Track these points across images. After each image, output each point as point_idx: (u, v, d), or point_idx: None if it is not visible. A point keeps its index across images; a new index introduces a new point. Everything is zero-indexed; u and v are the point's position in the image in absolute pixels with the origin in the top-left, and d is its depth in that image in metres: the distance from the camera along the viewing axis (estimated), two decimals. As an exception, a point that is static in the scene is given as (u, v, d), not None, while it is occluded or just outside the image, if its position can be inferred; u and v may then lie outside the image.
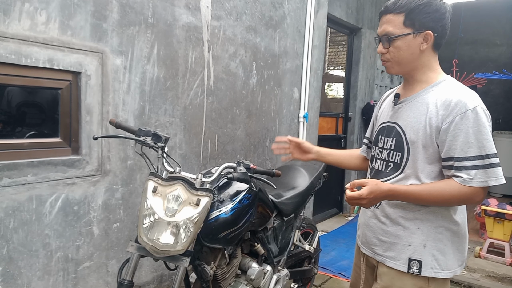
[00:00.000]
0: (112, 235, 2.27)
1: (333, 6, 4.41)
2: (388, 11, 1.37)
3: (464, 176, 1.27)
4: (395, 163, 1.42)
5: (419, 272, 1.37)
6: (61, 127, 2.05)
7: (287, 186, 2.42)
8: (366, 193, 1.29)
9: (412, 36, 1.35)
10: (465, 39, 7.11)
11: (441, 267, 1.37)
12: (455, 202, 1.34)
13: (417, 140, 1.36)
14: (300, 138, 3.81)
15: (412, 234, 1.39)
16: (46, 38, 1.89)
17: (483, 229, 4.21)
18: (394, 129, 1.44)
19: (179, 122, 2.58)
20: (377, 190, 1.31)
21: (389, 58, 1.40)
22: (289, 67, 3.58)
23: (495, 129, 6.87)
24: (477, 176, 1.26)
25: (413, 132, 1.37)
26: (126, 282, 1.59)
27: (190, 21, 2.58)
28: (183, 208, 1.54)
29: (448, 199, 1.31)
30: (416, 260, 1.38)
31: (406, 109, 1.42)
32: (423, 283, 1.38)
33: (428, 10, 1.34)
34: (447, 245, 1.38)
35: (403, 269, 1.39)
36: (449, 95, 1.31)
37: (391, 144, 1.45)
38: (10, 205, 1.83)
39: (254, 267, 2.03)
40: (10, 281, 1.87)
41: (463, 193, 1.28)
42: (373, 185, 1.31)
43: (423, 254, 1.37)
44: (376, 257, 1.49)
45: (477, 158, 1.27)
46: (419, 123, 1.36)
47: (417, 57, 1.38)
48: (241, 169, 1.68)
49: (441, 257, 1.37)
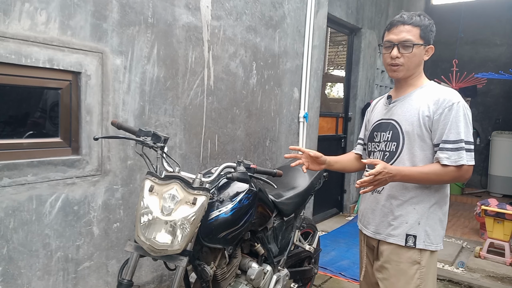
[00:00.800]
0: (112, 235, 2.27)
1: (333, 6, 4.41)
2: (406, 22, 1.62)
3: (442, 156, 1.55)
4: (391, 151, 1.68)
5: (414, 245, 1.62)
6: (61, 127, 2.05)
7: (287, 186, 2.42)
8: (381, 167, 1.49)
9: (423, 47, 1.64)
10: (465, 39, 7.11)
11: (431, 241, 1.63)
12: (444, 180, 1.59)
13: (412, 130, 1.62)
14: (300, 138, 3.82)
15: (408, 213, 1.64)
16: (46, 38, 1.89)
17: (483, 229, 4.21)
18: (390, 124, 1.70)
19: (179, 122, 2.59)
20: (388, 167, 1.52)
21: (403, 62, 1.63)
22: (289, 67, 3.58)
23: (495, 129, 6.87)
24: (453, 157, 1.53)
25: (408, 124, 1.63)
26: (125, 282, 1.59)
27: (190, 21, 2.58)
28: (180, 207, 1.54)
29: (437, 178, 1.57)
30: (411, 235, 1.62)
31: (400, 106, 1.69)
32: (417, 255, 1.62)
33: (433, 29, 1.66)
34: (436, 223, 1.65)
35: (401, 243, 1.63)
36: (438, 94, 1.61)
37: (388, 136, 1.70)
38: (10, 205, 1.83)
39: (254, 267, 2.03)
40: (10, 281, 1.87)
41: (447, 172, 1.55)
42: (384, 163, 1.52)
43: (417, 230, 1.62)
44: (377, 236, 1.71)
45: (454, 142, 1.54)
46: (413, 116, 1.62)
47: (419, 65, 1.68)
48: (241, 168, 1.68)
49: (432, 233, 1.63)
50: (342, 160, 1.97)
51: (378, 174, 1.48)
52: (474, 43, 7.19)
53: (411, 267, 1.62)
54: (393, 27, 1.64)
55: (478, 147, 7.23)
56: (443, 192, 1.67)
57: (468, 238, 4.52)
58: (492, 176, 6.71)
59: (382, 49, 1.70)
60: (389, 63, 1.66)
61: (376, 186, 1.53)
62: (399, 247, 1.64)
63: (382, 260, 1.69)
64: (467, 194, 6.83)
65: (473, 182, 7.20)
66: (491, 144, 6.67)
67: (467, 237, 4.58)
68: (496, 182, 6.65)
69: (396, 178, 1.56)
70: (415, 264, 1.61)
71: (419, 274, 1.61)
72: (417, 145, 1.62)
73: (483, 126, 7.17)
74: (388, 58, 1.65)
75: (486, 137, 7.03)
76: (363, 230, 1.81)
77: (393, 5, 5.95)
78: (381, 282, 1.69)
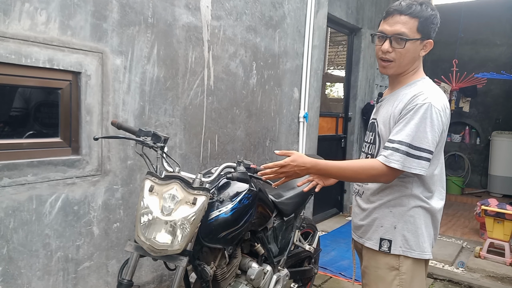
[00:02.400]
0: (112, 235, 2.27)
1: (333, 6, 4.41)
2: (404, 12, 1.40)
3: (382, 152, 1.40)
4: (372, 155, 1.56)
5: (389, 250, 1.49)
6: (61, 127, 2.05)
7: (287, 186, 2.41)
8: (289, 160, 1.42)
9: (419, 42, 1.43)
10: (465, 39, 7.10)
11: (410, 247, 1.48)
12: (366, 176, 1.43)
13: (385, 132, 1.48)
14: (300, 138, 3.82)
15: (384, 216, 1.51)
16: (46, 38, 1.89)
17: (483, 229, 4.21)
18: (373, 125, 1.58)
19: (179, 122, 2.58)
20: (299, 160, 1.42)
21: (394, 57, 1.45)
22: (289, 67, 3.58)
23: (495, 129, 6.87)
24: (389, 156, 1.37)
25: (383, 125, 1.50)
26: (125, 282, 1.59)
27: (190, 21, 2.58)
28: (180, 207, 1.54)
29: (360, 171, 1.42)
30: (386, 239, 1.50)
31: (384, 106, 1.55)
32: (394, 261, 1.49)
33: (435, 21, 1.44)
34: (419, 228, 1.48)
35: (375, 248, 1.52)
36: (412, 92, 1.43)
37: (371, 138, 1.59)
38: (10, 205, 1.83)
39: (254, 267, 2.03)
40: (10, 281, 1.87)
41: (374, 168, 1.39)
42: (297, 155, 1.44)
43: (393, 235, 1.49)
44: (359, 240, 1.63)
45: (399, 143, 1.36)
46: (387, 117, 1.48)
47: (413, 61, 1.48)
48: (241, 168, 1.68)
49: (412, 239, 1.48)
50: None
51: (284, 166, 1.42)
52: (474, 43, 7.19)
53: (389, 273, 1.49)
54: (388, 16, 1.44)
55: (478, 147, 7.23)
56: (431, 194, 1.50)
57: (468, 238, 4.52)
58: (492, 176, 6.71)
59: (375, 39, 1.50)
60: (379, 56, 1.49)
61: (287, 178, 1.47)
62: (375, 251, 1.53)
63: (363, 265, 1.62)
64: (467, 194, 6.83)
65: (473, 182, 7.20)
66: (491, 144, 6.67)
67: (467, 237, 4.58)
68: (496, 182, 6.65)
69: (311, 171, 1.46)
70: (393, 270, 1.48)
71: (399, 281, 1.47)
72: None
73: (483, 126, 7.16)
74: (379, 52, 1.48)
75: (486, 137, 7.03)
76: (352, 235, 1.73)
77: (393, 5, 5.93)
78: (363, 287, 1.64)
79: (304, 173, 1.46)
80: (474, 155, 7.26)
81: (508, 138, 6.48)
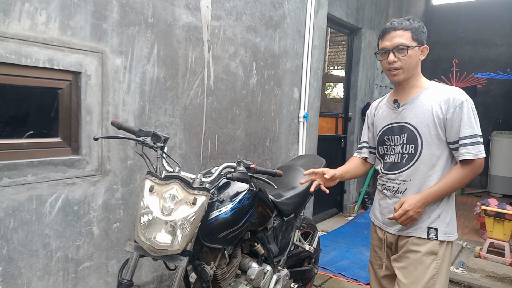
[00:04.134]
0: (112, 235, 2.27)
1: (333, 6, 4.41)
2: (397, 28, 1.68)
3: (464, 151, 1.62)
4: (410, 153, 1.74)
5: (436, 238, 1.70)
6: (61, 127, 2.05)
7: (287, 186, 2.42)
8: (407, 206, 1.64)
9: (417, 48, 1.69)
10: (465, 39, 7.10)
11: (450, 231, 1.73)
12: (467, 178, 1.67)
13: (428, 131, 1.69)
14: (300, 138, 3.82)
15: (432, 210, 1.71)
16: (46, 38, 1.89)
17: (483, 229, 4.21)
18: (404, 127, 1.75)
19: (179, 122, 2.59)
20: (412, 201, 1.65)
21: (401, 65, 1.69)
22: (289, 67, 3.58)
23: (495, 129, 6.87)
24: (473, 151, 1.61)
25: (424, 125, 1.69)
26: (125, 282, 1.59)
27: (190, 21, 2.58)
28: (180, 207, 1.54)
29: (461, 178, 1.66)
30: (433, 228, 1.71)
31: (410, 109, 1.74)
32: (435, 247, 1.71)
33: (424, 30, 1.72)
34: (453, 214, 1.77)
35: (423, 236, 1.71)
36: (446, 93, 1.68)
37: (403, 139, 1.75)
38: (10, 205, 1.83)
39: (254, 267, 2.03)
40: (10, 281, 1.87)
41: (468, 168, 1.64)
42: (409, 199, 1.66)
43: (438, 223, 1.71)
44: (399, 233, 1.78)
45: (472, 137, 1.62)
46: (428, 118, 1.68)
47: (417, 66, 1.73)
48: (241, 168, 1.68)
49: (450, 224, 1.74)
50: (350, 169, 2.03)
51: (405, 213, 1.64)
52: (474, 43, 7.19)
53: (429, 257, 1.70)
54: (385, 34, 1.70)
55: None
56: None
57: (468, 238, 4.52)
58: (492, 176, 6.71)
59: (379, 57, 1.76)
60: (387, 68, 1.72)
61: (411, 221, 1.66)
62: (419, 239, 1.72)
63: (402, 251, 1.76)
64: (467, 194, 6.83)
65: (473, 182, 7.20)
66: (491, 144, 6.67)
67: (467, 237, 4.58)
68: (496, 182, 6.65)
69: (428, 202, 1.67)
70: (432, 255, 1.70)
71: (435, 264, 1.69)
72: (435, 145, 1.69)
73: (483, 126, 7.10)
74: (386, 64, 1.72)
75: (486, 137, 7.02)
76: (383, 228, 1.86)
77: (393, 5, 5.95)
78: (398, 271, 1.75)
79: (423, 208, 1.67)
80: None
81: (508, 138, 6.48)
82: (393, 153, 1.80)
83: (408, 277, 1.71)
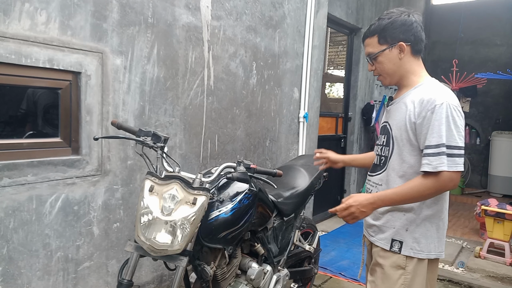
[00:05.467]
0: (112, 235, 2.27)
1: (333, 6, 4.41)
2: (366, 36, 1.65)
3: (425, 162, 1.45)
4: (385, 156, 1.65)
5: (399, 251, 1.57)
6: (61, 127, 2.05)
7: (287, 186, 2.42)
8: (351, 201, 1.52)
9: (388, 50, 1.59)
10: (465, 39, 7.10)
11: (421, 249, 1.56)
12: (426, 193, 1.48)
13: (400, 135, 1.57)
14: (300, 138, 3.82)
15: (397, 219, 1.59)
16: (46, 38, 1.89)
17: (483, 229, 4.21)
18: (386, 128, 1.68)
19: (179, 122, 2.58)
20: (360, 198, 1.52)
21: (379, 72, 1.66)
22: (289, 67, 3.58)
23: (495, 129, 6.87)
24: (433, 162, 1.43)
25: (397, 128, 1.58)
26: (125, 282, 1.59)
27: (190, 21, 2.58)
28: (180, 207, 1.54)
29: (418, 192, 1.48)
30: (397, 240, 1.59)
31: (394, 110, 1.65)
32: (402, 261, 1.57)
33: (395, 26, 1.56)
34: (430, 231, 1.57)
35: (386, 247, 1.61)
36: (423, 94, 1.51)
37: (383, 140, 1.68)
38: (10, 205, 1.83)
39: (254, 267, 2.03)
40: (10, 281, 1.87)
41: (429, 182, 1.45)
42: (356, 196, 1.55)
43: (404, 237, 1.58)
44: (370, 239, 1.72)
45: (435, 147, 1.43)
46: (401, 121, 1.56)
47: (399, 66, 1.60)
48: (241, 168, 1.68)
49: (423, 241, 1.56)
50: (359, 157, 2.04)
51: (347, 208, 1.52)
52: (474, 43, 7.19)
53: (396, 271, 1.58)
54: (363, 43, 1.68)
55: (478, 147, 7.23)
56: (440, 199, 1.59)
57: (468, 238, 4.52)
58: (492, 176, 6.71)
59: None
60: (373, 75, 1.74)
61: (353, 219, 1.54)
62: (385, 250, 1.62)
63: (372, 262, 1.70)
64: (467, 194, 6.83)
65: (473, 182, 7.21)
66: (491, 144, 6.67)
67: (467, 237, 4.58)
68: (496, 182, 6.65)
69: (377, 205, 1.53)
70: (399, 269, 1.57)
71: (403, 280, 1.56)
72: (406, 150, 1.55)
73: (483, 126, 7.16)
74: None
75: (486, 137, 7.03)
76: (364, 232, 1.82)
77: (393, 5, 5.94)
78: (368, 284, 1.69)
79: (370, 210, 1.53)
80: (474, 155, 7.26)
81: (508, 138, 6.48)
82: (377, 153, 1.74)
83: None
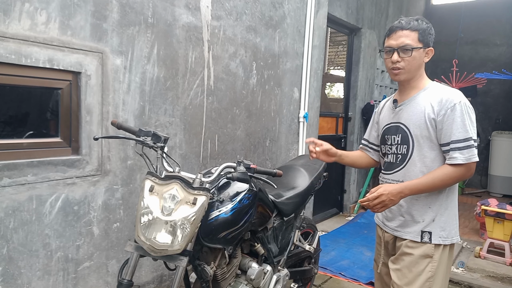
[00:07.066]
0: (112, 235, 2.27)
1: (333, 6, 4.41)
2: (404, 27, 1.67)
3: (457, 155, 1.60)
4: (403, 154, 1.75)
5: (429, 241, 1.69)
6: (61, 127, 2.05)
7: (287, 186, 2.42)
8: (381, 190, 1.60)
9: (422, 50, 1.68)
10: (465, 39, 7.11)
11: (446, 235, 1.71)
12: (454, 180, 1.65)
13: (420, 133, 1.69)
14: (300, 138, 3.82)
15: (424, 212, 1.71)
16: (46, 38, 1.89)
17: (483, 229, 4.21)
18: (399, 127, 1.77)
19: (179, 122, 2.58)
20: (389, 188, 1.61)
21: (404, 66, 1.69)
22: (289, 67, 3.58)
23: (495, 129, 6.87)
24: (465, 155, 1.59)
25: (416, 126, 1.70)
26: (125, 282, 1.59)
27: (190, 21, 2.58)
28: (180, 207, 1.54)
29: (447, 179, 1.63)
30: (427, 231, 1.70)
31: (406, 110, 1.75)
32: (430, 249, 1.70)
33: (431, 32, 1.71)
34: (451, 217, 1.73)
35: (417, 239, 1.71)
36: (440, 95, 1.66)
37: (398, 139, 1.77)
38: (10, 205, 1.83)
39: (254, 267, 2.03)
40: (10, 281, 1.87)
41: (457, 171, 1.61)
42: (385, 185, 1.64)
43: (432, 227, 1.70)
44: (394, 233, 1.80)
45: (465, 141, 1.60)
46: (420, 119, 1.69)
47: (419, 67, 1.72)
48: (241, 168, 1.68)
49: (447, 228, 1.71)
50: (351, 154, 2.06)
51: (378, 197, 1.59)
52: (474, 43, 7.19)
53: (424, 260, 1.69)
54: (392, 33, 1.70)
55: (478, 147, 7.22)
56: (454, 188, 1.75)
57: (468, 238, 4.52)
58: (492, 176, 6.71)
59: (383, 55, 1.76)
60: (390, 67, 1.72)
61: (382, 208, 1.62)
62: (413, 242, 1.72)
63: (398, 253, 1.77)
64: (467, 194, 6.83)
65: (473, 182, 7.20)
66: (491, 144, 6.67)
67: (467, 237, 4.58)
68: (496, 182, 6.65)
69: (405, 193, 1.63)
70: (427, 258, 1.69)
71: (430, 267, 1.68)
72: (427, 146, 1.68)
73: (483, 126, 7.16)
74: (389, 63, 1.72)
75: (486, 137, 7.03)
76: (383, 227, 1.88)
77: (393, 5, 5.95)
78: (393, 272, 1.76)
79: (398, 198, 1.62)
80: (474, 155, 7.24)
81: (508, 138, 6.48)
82: (390, 152, 1.82)
83: (402, 279, 1.71)
